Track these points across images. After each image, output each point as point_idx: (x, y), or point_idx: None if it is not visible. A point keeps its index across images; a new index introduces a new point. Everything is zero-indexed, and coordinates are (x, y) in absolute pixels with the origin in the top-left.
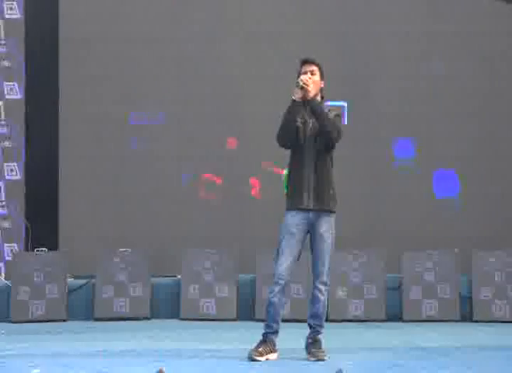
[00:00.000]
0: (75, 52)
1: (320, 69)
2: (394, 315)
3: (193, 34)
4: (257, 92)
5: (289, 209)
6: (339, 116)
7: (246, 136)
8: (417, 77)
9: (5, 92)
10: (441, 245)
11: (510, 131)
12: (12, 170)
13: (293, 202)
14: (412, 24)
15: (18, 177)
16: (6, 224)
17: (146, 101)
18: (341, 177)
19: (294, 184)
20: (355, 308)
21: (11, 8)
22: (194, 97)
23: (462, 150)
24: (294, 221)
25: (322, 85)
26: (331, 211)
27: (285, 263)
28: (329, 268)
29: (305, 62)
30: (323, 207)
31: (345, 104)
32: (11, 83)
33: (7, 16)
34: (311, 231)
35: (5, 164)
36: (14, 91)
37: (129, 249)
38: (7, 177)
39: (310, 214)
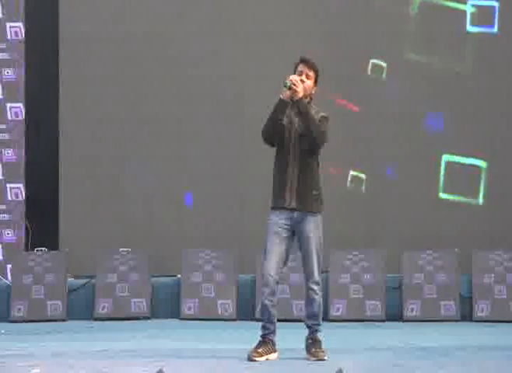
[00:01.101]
0: (75, 52)
1: (316, 75)
2: (394, 315)
3: (193, 34)
4: (257, 92)
5: (272, 208)
6: (326, 118)
7: (246, 136)
8: (417, 77)
9: (5, 93)
10: (441, 245)
11: (509, 131)
12: (12, 170)
13: (276, 201)
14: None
15: (18, 177)
16: (6, 225)
17: (146, 101)
18: (341, 177)
19: (277, 183)
20: (356, 308)
21: (11, 8)
22: (194, 97)
23: (462, 149)
24: (278, 220)
25: (314, 92)
26: (316, 212)
27: (272, 263)
28: (319, 267)
29: (304, 62)
30: (305, 207)
31: None
32: (11, 83)
33: (7, 16)
34: (297, 231)
35: (5, 164)
36: (14, 91)
37: (129, 249)
38: (7, 177)
39: (295, 214)
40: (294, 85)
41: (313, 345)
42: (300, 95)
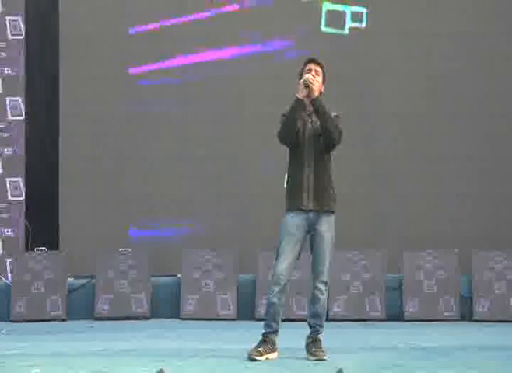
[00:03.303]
0: (75, 51)
1: (323, 72)
2: (394, 315)
3: (193, 34)
4: (257, 92)
5: (288, 210)
6: (338, 117)
7: (246, 136)
8: (417, 77)
9: (5, 93)
10: (441, 245)
11: (509, 131)
12: (12, 170)
13: (293, 203)
14: (412, 24)
15: (18, 177)
16: (6, 225)
17: (146, 101)
18: (341, 177)
19: (293, 185)
20: (356, 307)
21: (11, 7)
22: (194, 97)
23: (462, 149)
24: (294, 221)
25: (323, 89)
26: (331, 211)
27: (285, 263)
28: (329, 268)
29: (310, 61)
30: (323, 207)
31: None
32: (11, 83)
33: (7, 15)
34: (312, 231)
35: (6, 164)
36: (14, 91)
37: (129, 249)
38: (7, 177)
39: (311, 215)
40: (310, 82)
41: (313, 345)
42: (316, 93)
